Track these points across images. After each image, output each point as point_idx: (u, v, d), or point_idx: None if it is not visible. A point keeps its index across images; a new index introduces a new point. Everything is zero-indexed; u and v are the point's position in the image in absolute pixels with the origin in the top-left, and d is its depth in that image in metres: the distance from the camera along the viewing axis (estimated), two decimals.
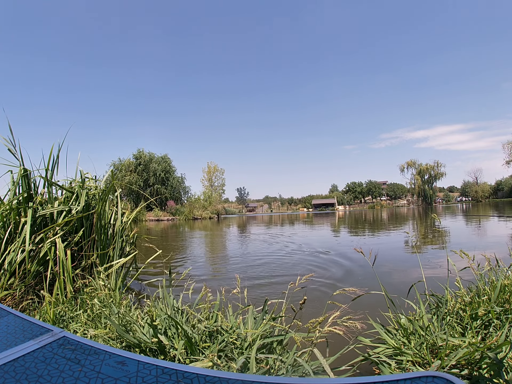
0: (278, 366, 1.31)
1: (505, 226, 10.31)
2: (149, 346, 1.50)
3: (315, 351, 1.25)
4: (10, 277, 2.21)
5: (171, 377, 0.70)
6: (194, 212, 39.10)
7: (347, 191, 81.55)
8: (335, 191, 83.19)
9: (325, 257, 5.61)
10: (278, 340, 1.53)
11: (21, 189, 2.50)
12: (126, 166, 47.60)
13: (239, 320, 1.71)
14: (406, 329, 1.68)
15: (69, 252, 2.26)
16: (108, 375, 0.71)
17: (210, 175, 59.03)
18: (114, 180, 2.94)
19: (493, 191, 69.76)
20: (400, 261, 4.94)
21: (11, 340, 0.89)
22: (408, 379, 0.61)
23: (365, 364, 1.61)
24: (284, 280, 3.90)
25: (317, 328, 1.32)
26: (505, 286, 1.82)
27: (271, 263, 5.26)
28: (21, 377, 0.70)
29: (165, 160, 49.80)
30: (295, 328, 1.53)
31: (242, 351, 1.46)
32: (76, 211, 2.55)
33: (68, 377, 0.70)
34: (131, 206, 3.56)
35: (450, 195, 79.53)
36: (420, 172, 68.00)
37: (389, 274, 3.98)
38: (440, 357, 1.37)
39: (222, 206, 52.93)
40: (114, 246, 2.83)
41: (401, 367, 1.42)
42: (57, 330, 0.95)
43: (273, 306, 1.85)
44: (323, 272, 4.36)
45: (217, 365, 1.29)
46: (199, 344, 1.53)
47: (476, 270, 2.15)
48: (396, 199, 78.39)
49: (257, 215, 61.73)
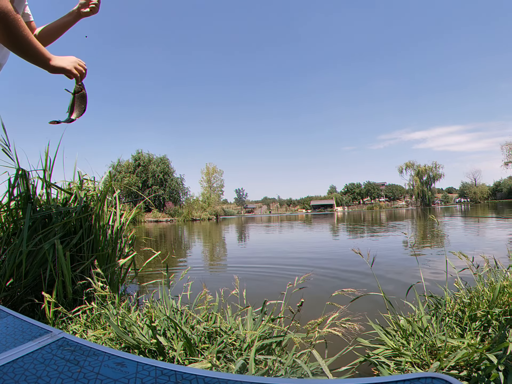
0: (277, 367, 1.31)
1: (504, 227, 10.34)
2: (148, 347, 1.50)
3: (314, 352, 1.25)
4: (9, 278, 2.20)
5: (170, 378, 0.70)
6: (193, 213, 39.07)
7: (346, 192, 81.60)
8: (334, 192, 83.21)
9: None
10: (277, 341, 1.53)
11: (19, 190, 2.49)
12: (125, 167, 47.63)
13: (238, 321, 1.71)
14: (405, 330, 1.68)
15: (68, 253, 2.26)
16: (107, 376, 0.71)
17: (209, 176, 58.97)
18: (111, 181, 2.94)
19: (491, 192, 69.96)
20: (398, 262, 4.95)
21: (10, 341, 0.89)
22: (407, 380, 0.61)
23: (364, 365, 1.61)
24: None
25: (316, 329, 1.32)
26: (504, 288, 1.83)
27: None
28: (20, 378, 0.70)
29: (164, 162, 49.92)
30: (294, 329, 1.54)
31: (241, 352, 1.46)
32: (75, 212, 2.54)
33: (67, 378, 0.70)
34: (130, 207, 3.55)
35: (449, 196, 79.73)
36: (418, 174, 68.06)
37: (388, 275, 3.98)
38: (439, 358, 1.37)
39: (221, 207, 52.89)
40: (113, 247, 2.83)
41: (400, 368, 1.42)
42: (56, 331, 0.95)
43: (272, 307, 1.85)
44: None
45: (216, 366, 1.29)
46: (198, 345, 1.53)
47: (475, 271, 2.15)
48: (394, 200, 78.51)
49: (256, 216, 61.69)
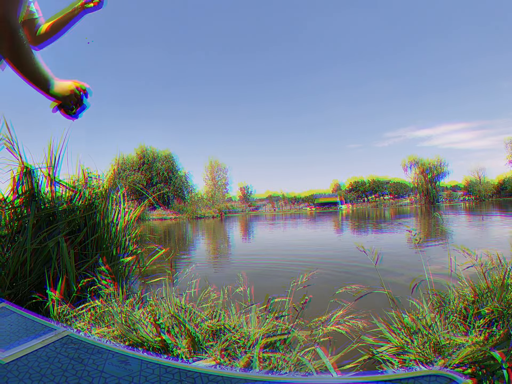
0: (281, 365, 1.31)
1: (509, 224, 10.23)
2: (153, 345, 1.50)
3: (318, 350, 1.25)
4: (14, 276, 2.22)
5: (174, 375, 0.70)
6: (198, 211, 39.15)
7: (351, 189, 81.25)
8: (339, 189, 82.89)
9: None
10: (282, 338, 1.53)
11: (24, 188, 2.51)
12: (130, 165, 47.81)
13: (243, 318, 1.71)
14: (410, 328, 1.67)
15: (72, 251, 2.27)
16: (111, 373, 0.71)
17: (213, 172, 58.82)
18: (115, 179, 2.95)
19: (496, 190, 69.29)
20: (402, 259, 4.92)
21: (15, 338, 0.89)
22: (412, 377, 0.61)
23: (368, 363, 1.60)
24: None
25: (321, 327, 1.32)
26: (508, 285, 1.81)
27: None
28: (24, 376, 0.70)
29: (168, 159, 50.06)
30: (298, 326, 1.53)
31: (246, 349, 1.46)
32: (80, 209, 2.55)
33: (71, 376, 0.70)
34: (135, 205, 3.56)
35: (454, 193, 79.09)
36: (423, 171, 67.60)
37: (393, 272, 3.96)
38: (443, 356, 1.36)
39: (226, 205, 52.87)
40: (118, 245, 2.84)
41: (405, 366, 1.41)
42: (60, 328, 0.96)
43: (276, 305, 1.84)
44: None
45: (221, 363, 1.29)
46: (202, 343, 1.53)
47: (479, 268, 2.13)
48: (399, 197, 78.07)
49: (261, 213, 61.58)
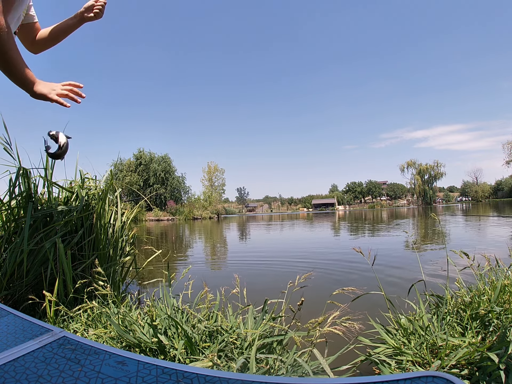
0: (278, 366, 1.32)
1: (505, 226, 10.31)
2: (149, 346, 1.50)
3: (314, 351, 1.25)
4: (10, 277, 2.21)
5: (171, 377, 0.70)
6: (194, 212, 39.12)
7: (347, 191, 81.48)
8: (335, 191, 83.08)
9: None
10: (278, 340, 1.53)
11: (20, 189, 2.49)
12: (127, 166, 47.71)
13: (239, 320, 1.71)
14: (406, 329, 1.68)
15: (69, 252, 2.26)
16: (108, 375, 0.71)
17: (211, 175, 59.01)
18: (112, 180, 2.94)
19: (493, 191, 69.78)
20: (399, 260, 4.94)
21: (11, 340, 0.89)
22: (408, 379, 0.61)
23: (365, 364, 1.61)
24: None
25: (317, 328, 1.32)
26: (505, 286, 1.82)
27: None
28: (21, 377, 0.70)
29: (165, 160, 50.04)
30: (294, 328, 1.53)
31: (242, 351, 1.46)
32: (76, 210, 2.54)
33: (68, 377, 0.70)
34: (131, 206, 3.55)
35: (450, 195, 79.52)
36: (420, 172, 68.01)
37: (389, 273, 3.98)
38: (440, 357, 1.37)
39: (222, 206, 52.90)
40: (114, 246, 2.83)
41: (401, 367, 1.41)
42: (57, 330, 0.95)
43: (272, 306, 1.85)
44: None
45: (217, 365, 1.29)
46: (199, 344, 1.53)
47: (476, 270, 2.15)
48: (396, 199, 78.38)
49: (257, 214, 61.66)
